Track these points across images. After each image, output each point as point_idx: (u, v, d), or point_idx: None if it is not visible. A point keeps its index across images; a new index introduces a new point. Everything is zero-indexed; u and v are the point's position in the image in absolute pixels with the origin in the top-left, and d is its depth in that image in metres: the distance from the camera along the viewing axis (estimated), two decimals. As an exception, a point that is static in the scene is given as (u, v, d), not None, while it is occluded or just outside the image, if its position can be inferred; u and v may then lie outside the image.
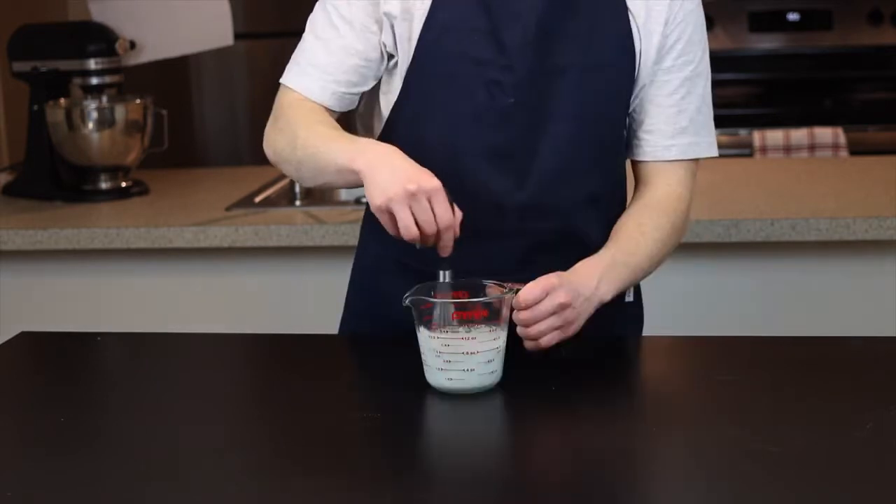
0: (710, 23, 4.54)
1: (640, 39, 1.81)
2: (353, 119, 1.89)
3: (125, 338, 2.04)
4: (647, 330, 1.98)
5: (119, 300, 2.82)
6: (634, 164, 1.89)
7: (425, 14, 1.79)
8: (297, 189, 2.93)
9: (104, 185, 3.05)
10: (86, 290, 2.83)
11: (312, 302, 2.75)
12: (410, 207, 1.61)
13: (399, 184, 1.61)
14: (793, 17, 4.50)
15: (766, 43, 4.53)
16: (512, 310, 1.66)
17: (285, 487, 1.38)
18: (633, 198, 1.87)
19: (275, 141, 1.82)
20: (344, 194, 3.06)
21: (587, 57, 1.79)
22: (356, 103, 1.87)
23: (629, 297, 1.91)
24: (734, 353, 1.81)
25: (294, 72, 1.85)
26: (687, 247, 2.60)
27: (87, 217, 2.84)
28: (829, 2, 4.50)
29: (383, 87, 1.86)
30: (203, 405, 1.66)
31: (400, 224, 1.61)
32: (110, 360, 1.97)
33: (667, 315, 2.65)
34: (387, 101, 1.85)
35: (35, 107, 3.05)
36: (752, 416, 1.54)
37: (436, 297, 1.63)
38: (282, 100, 1.85)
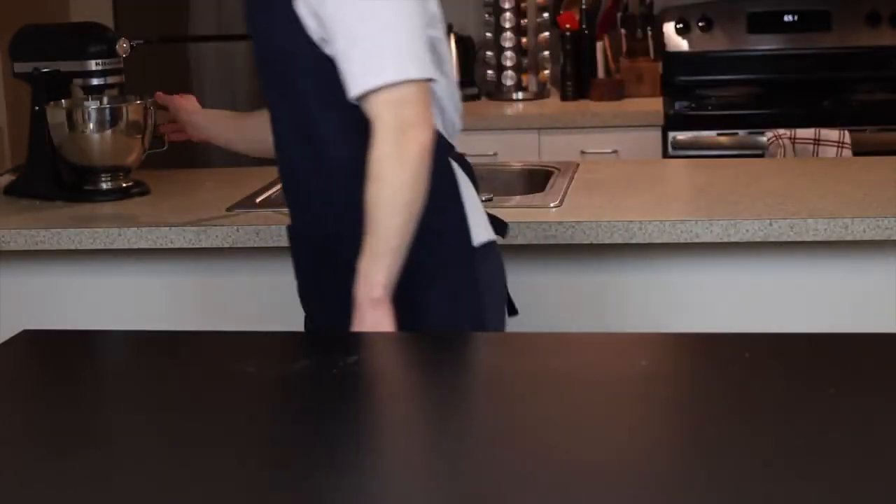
0: (710, 24, 4.55)
1: (307, 15, 1.94)
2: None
3: (126, 337, 2.04)
4: (648, 329, 1.99)
5: (120, 300, 2.83)
6: None
7: None
8: (298, 189, 2.94)
9: (105, 186, 3.05)
10: (87, 290, 2.84)
11: (313, 302, 2.76)
12: None
13: None
14: (791, 18, 4.51)
15: (765, 44, 4.54)
16: None
17: (286, 486, 1.38)
18: None
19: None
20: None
21: (269, 46, 2.00)
22: None
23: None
24: (733, 353, 1.81)
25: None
26: (686, 247, 2.62)
27: (88, 217, 2.85)
28: (828, 3, 4.51)
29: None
30: (203, 404, 1.67)
31: None
32: (111, 359, 1.98)
33: (666, 314, 2.66)
34: None
35: (36, 107, 3.06)
36: (753, 415, 1.55)
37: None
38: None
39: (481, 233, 2.15)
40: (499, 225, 2.26)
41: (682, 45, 4.55)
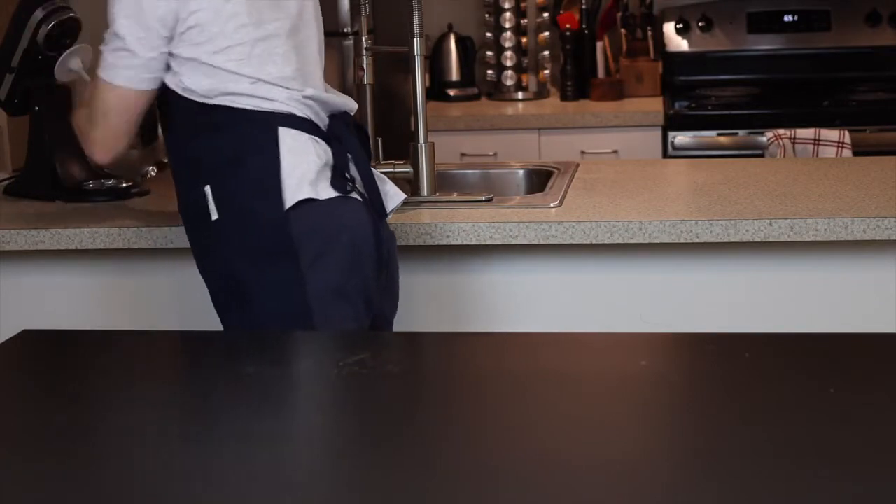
0: (709, 24, 4.55)
1: None
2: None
3: (126, 337, 2.05)
4: (647, 328, 1.99)
5: (120, 300, 2.83)
6: None
7: None
8: (298, 189, 2.93)
9: (105, 186, 3.05)
10: (86, 289, 2.84)
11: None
12: None
13: None
14: (791, 18, 4.51)
15: (765, 44, 4.54)
16: None
17: (288, 486, 1.38)
18: None
19: None
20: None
21: None
22: None
23: None
24: (733, 353, 1.81)
25: None
26: (686, 247, 2.62)
27: (87, 217, 2.85)
28: (828, 3, 4.51)
29: None
30: (204, 403, 1.67)
31: None
32: (111, 359, 1.97)
33: (666, 314, 2.66)
34: None
35: (36, 107, 3.05)
36: (753, 415, 1.55)
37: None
38: None
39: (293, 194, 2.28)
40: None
41: (682, 45, 4.55)
